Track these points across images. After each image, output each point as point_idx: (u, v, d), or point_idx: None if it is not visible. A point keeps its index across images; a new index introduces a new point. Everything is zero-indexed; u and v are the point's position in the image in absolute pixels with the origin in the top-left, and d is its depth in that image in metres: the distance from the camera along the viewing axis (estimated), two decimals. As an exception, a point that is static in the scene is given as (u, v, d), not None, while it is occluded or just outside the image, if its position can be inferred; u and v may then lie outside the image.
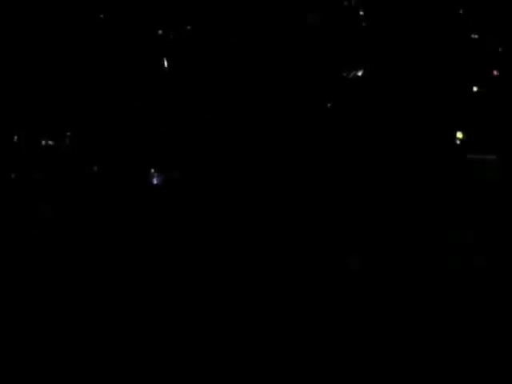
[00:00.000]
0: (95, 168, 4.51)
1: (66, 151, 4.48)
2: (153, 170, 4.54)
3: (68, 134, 4.47)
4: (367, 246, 4.46)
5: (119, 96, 4.63)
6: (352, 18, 4.87)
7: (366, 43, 4.87)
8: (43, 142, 4.43)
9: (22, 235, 4.24)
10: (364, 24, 4.87)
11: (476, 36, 4.90)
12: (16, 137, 4.48)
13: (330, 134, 4.90)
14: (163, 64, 4.61)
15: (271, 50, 4.89)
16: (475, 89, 4.83)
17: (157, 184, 4.52)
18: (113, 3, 4.56)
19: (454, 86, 4.84)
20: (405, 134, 4.87)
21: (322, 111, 4.87)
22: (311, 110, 4.88)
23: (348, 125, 4.87)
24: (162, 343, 4.00)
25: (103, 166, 4.54)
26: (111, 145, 4.58)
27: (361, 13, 4.90)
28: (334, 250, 4.39)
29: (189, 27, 4.65)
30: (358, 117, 4.88)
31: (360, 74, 4.87)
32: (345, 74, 4.87)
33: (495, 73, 4.80)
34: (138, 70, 4.64)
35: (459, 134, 5.23)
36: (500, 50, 4.85)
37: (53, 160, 4.44)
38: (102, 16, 4.55)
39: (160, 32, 4.62)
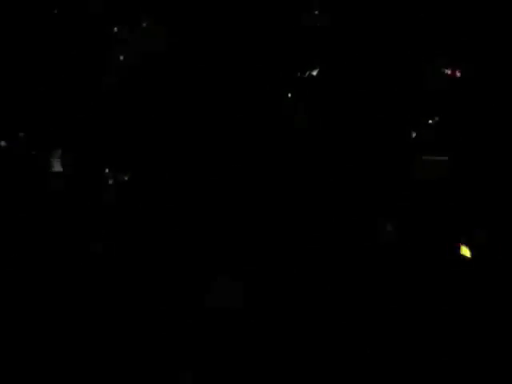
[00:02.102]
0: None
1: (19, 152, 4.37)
2: (107, 170, 4.46)
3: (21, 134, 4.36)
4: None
5: (71, 94, 4.53)
6: (308, 17, 4.86)
7: (322, 43, 4.87)
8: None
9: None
10: (319, 24, 4.87)
11: (430, 34, 4.94)
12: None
13: (282, 131, 4.90)
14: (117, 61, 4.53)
15: (225, 47, 4.85)
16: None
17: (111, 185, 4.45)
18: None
19: (407, 86, 4.89)
20: (358, 133, 4.91)
21: (276, 110, 4.87)
22: (265, 108, 4.87)
23: (302, 123, 4.87)
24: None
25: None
26: (65, 144, 4.48)
27: (316, 12, 4.89)
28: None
29: (144, 25, 4.57)
30: (313, 115, 4.89)
31: (315, 73, 4.87)
32: (299, 74, 4.87)
33: (449, 72, 4.85)
34: (90, 67, 4.55)
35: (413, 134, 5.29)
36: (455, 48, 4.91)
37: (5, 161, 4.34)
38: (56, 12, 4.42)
39: (115, 29, 4.53)
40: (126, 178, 4.40)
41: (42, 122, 4.44)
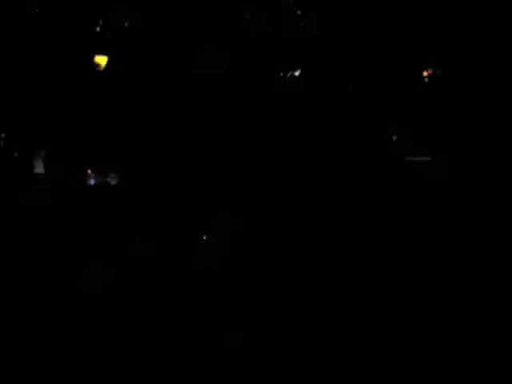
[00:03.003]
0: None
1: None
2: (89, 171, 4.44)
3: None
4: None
5: (52, 93, 4.50)
6: (290, 17, 4.85)
7: (304, 43, 4.87)
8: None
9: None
10: (302, 24, 4.86)
11: (408, 36, 4.95)
12: None
13: (264, 133, 4.89)
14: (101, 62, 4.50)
15: (207, 48, 4.84)
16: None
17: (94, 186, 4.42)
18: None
19: (390, 86, 4.89)
20: (342, 134, 4.91)
21: (258, 112, 4.86)
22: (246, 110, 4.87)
23: (285, 125, 4.87)
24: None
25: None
26: (44, 144, 4.45)
27: (298, 12, 4.89)
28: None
29: (126, 25, 4.55)
30: (296, 117, 4.89)
31: (297, 74, 4.87)
32: (282, 74, 4.86)
33: (425, 73, 4.86)
34: (74, 68, 4.52)
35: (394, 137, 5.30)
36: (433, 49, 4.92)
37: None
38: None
39: (98, 29, 4.50)
40: (109, 179, 4.38)
41: (23, 122, 4.41)
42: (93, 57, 4.38)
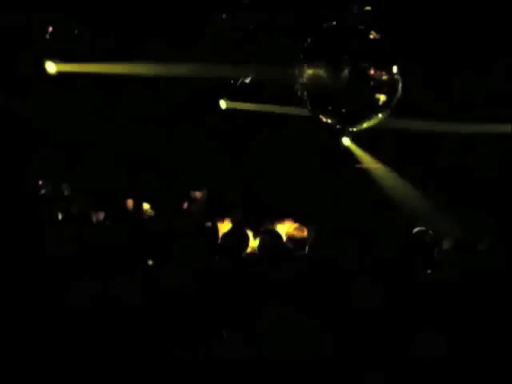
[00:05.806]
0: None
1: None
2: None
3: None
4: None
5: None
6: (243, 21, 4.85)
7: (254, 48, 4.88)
8: None
9: None
10: (251, 27, 4.87)
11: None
12: None
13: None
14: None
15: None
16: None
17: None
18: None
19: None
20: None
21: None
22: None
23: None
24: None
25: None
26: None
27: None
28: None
29: (76, 31, 4.50)
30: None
31: (248, 81, 4.86)
32: (233, 81, 4.86)
33: (372, 72, 4.90)
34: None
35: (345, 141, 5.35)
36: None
37: None
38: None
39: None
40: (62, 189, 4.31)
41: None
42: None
